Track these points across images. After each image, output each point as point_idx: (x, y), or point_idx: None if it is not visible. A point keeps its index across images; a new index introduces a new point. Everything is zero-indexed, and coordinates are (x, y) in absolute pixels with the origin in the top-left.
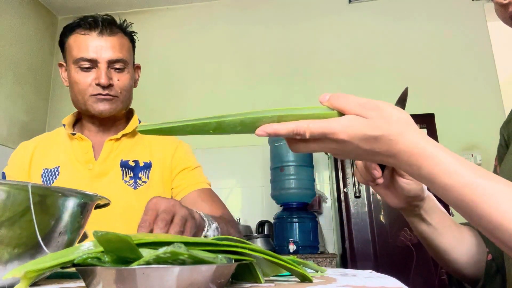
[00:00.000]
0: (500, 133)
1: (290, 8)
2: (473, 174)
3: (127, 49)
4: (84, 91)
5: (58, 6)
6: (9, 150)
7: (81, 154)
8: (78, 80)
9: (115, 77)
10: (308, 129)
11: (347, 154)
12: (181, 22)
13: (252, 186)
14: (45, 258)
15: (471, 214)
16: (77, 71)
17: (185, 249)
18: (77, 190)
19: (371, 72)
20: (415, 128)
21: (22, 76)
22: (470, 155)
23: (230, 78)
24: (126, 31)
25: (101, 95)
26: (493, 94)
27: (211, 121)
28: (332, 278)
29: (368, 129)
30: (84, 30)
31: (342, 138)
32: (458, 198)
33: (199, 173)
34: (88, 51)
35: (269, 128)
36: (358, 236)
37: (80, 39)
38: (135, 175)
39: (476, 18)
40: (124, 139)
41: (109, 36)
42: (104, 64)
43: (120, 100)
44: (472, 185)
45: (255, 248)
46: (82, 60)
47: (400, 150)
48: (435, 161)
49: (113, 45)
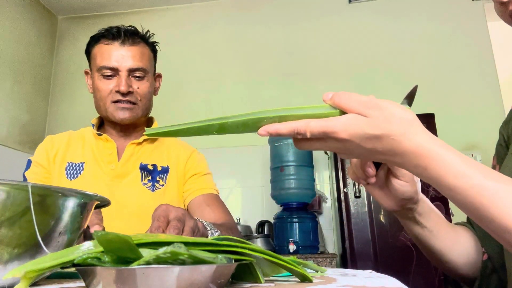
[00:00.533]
0: (499, 132)
1: (290, 8)
2: (482, 176)
3: (148, 59)
4: (105, 98)
5: (58, 6)
6: (9, 150)
7: (105, 154)
8: (100, 87)
9: (135, 85)
10: (308, 127)
11: (351, 153)
12: (181, 22)
13: (252, 186)
14: (45, 258)
15: (480, 216)
16: (100, 78)
17: (185, 249)
18: (77, 190)
19: (371, 72)
20: (420, 128)
21: (22, 76)
22: (470, 155)
23: (230, 78)
24: (148, 41)
25: (120, 102)
26: (493, 94)
27: (214, 123)
28: (332, 278)
29: (368, 128)
30: (108, 40)
31: (343, 137)
32: (466, 200)
33: (208, 179)
34: (111, 60)
35: (271, 128)
36: (358, 236)
37: (104, 49)
38: (153, 179)
39: (476, 18)
40: (145, 143)
41: (131, 46)
42: (124, 72)
43: (139, 107)
44: (480, 187)
45: (255, 248)
46: (104, 68)
47: (405, 151)
48: (441, 162)
49: (134, 55)
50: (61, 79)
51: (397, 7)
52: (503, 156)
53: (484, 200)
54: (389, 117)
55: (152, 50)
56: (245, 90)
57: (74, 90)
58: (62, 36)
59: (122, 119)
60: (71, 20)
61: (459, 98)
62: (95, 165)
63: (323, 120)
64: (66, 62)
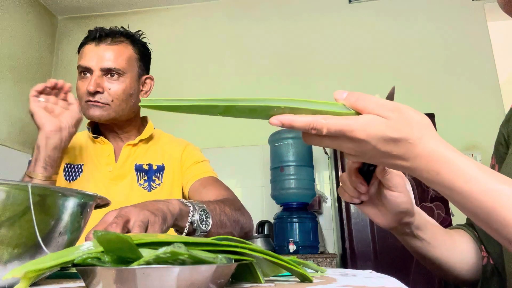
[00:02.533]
0: (499, 131)
1: (290, 8)
2: (495, 181)
3: (127, 59)
4: (81, 97)
5: (58, 6)
6: (9, 150)
7: (103, 156)
8: (77, 87)
9: (107, 85)
10: (326, 125)
11: (362, 154)
12: (181, 22)
13: (252, 186)
14: (45, 258)
15: (491, 221)
16: (79, 78)
17: (185, 249)
18: (77, 190)
19: (371, 72)
20: (434, 133)
21: (22, 76)
22: (470, 155)
23: (230, 78)
24: (135, 41)
25: (90, 102)
26: (493, 94)
27: (220, 104)
28: (332, 278)
29: (388, 130)
30: (88, 41)
31: (360, 137)
32: (478, 206)
33: (205, 165)
34: (85, 59)
35: (285, 118)
36: (358, 236)
37: (83, 49)
38: (149, 178)
39: (476, 18)
40: (140, 144)
41: (109, 45)
42: (97, 72)
43: (112, 108)
44: (493, 192)
45: (255, 248)
46: (80, 68)
47: (418, 154)
48: (454, 167)
49: (108, 55)
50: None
51: (397, 7)
52: (503, 155)
53: (497, 205)
54: (409, 120)
55: (139, 51)
56: (245, 90)
57: (74, 91)
58: (62, 36)
59: (91, 117)
60: (71, 20)
61: (459, 98)
62: (93, 168)
63: (342, 118)
64: (66, 62)
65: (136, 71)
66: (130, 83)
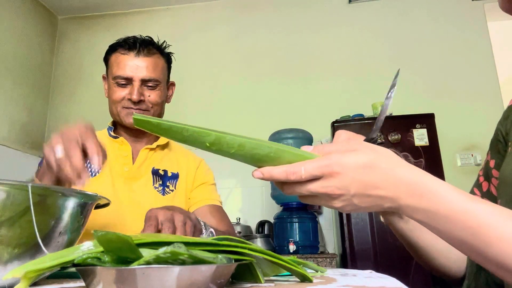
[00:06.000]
0: (497, 128)
1: (290, 8)
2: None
3: (161, 69)
4: (118, 104)
5: (58, 6)
6: (9, 150)
7: (120, 156)
8: (114, 94)
9: (146, 93)
10: (303, 164)
11: (347, 192)
12: (181, 22)
13: (252, 186)
14: (45, 258)
15: (477, 243)
16: (115, 86)
17: (185, 249)
18: (77, 190)
19: (371, 72)
20: (401, 160)
21: (22, 77)
22: (470, 155)
23: (230, 78)
24: (164, 52)
25: (132, 108)
26: (493, 94)
27: (211, 133)
28: (332, 278)
29: (358, 157)
30: (124, 50)
31: (337, 171)
32: (462, 227)
33: (214, 190)
34: (125, 70)
35: (264, 170)
36: (358, 236)
37: (120, 58)
38: (164, 183)
39: (476, 18)
40: (157, 149)
41: (145, 56)
42: (137, 82)
43: (150, 113)
44: (474, 211)
45: (255, 248)
46: (119, 78)
47: (396, 180)
48: (433, 189)
49: (147, 65)
50: (61, 79)
51: (397, 7)
52: (502, 153)
53: (481, 223)
54: (374, 148)
55: (166, 61)
56: (245, 90)
57: (74, 90)
58: (62, 36)
59: (132, 123)
60: (71, 20)
61: (459, 98)
62: (110, 166)
63: (316, 159)
64: (66, 62)
65: (166, 79)
66: (164, 91)
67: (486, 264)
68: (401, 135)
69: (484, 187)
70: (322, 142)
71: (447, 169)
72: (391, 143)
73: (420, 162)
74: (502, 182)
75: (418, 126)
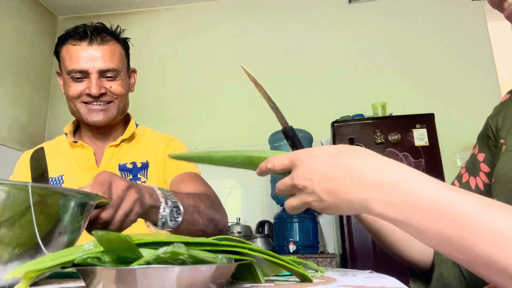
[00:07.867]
0: (486, 122)
1: (290, 8)
2: (452, 191)
3: (119, 57)
4: (76, 100)
5: (58, 6)
6: (9, 150)
7: (83, 161)
8: (70, 90)
9: (107, 85)
10: (275, 158)
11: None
12: (181, 22)
13: (252, 186)
14: (45, 258)
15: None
16: (70, 81)
17: (185, 249)
18: (77, 190)
19: (371, 72)
20: (378, 155)
21: (22, 77)
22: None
23: (230, 78)
24: (119, 38)
25: (93, 104)
26: (493, 94)
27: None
28: (332, 278)
29: (325, 148)
30: (75, 41)
31: (301, 158)
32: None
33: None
34: (79, 62)
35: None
36: (358, 236)
37: (71, 50)
38: (134, 177)
39: (476, 18)
40: (122, 144)
41: (99, 45)
42: (95, 74)
43: (115, 106)
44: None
45: (255, 248)
46: (74, 72)
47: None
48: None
49: (103, 55)
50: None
51: (397, 7)
52: (492, 148)
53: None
54: (348, 145)
55: (124, 47)
56: (245, 90)
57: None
58: None
59: (95, 122)
60: (71, 20)
61: (459, 98)
62: (74, 175)
63: (288, 153)
64: None
65: (126, 67)
66: (125, 80)
67: (473, 265)
68: (401, 135)
69: (464, 178)
70: (322, 142)
71: (447, 169)
72: (391, 143)
73: (420, 162)
74: (498, 181)
75: (418, 126)
